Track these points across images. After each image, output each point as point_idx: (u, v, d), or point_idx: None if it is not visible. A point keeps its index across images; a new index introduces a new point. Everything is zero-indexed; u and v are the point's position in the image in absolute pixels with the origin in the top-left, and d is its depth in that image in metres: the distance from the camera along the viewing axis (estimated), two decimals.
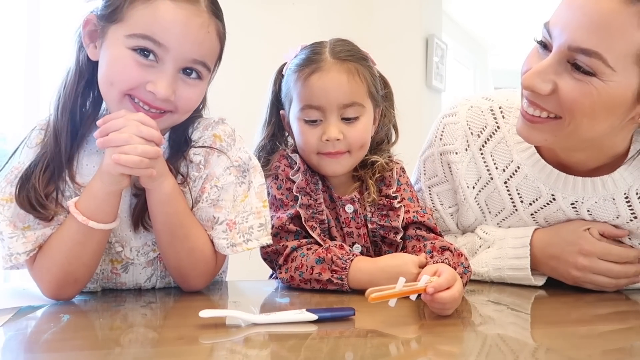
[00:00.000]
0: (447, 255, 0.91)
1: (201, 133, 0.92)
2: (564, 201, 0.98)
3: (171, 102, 0.82)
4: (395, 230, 1.00)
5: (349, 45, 1.02)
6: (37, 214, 0.81)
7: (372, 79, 1.02)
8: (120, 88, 0.81)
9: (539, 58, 0.85)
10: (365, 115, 1.01)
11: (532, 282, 0.98)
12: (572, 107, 0.81)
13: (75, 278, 0.83)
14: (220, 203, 0.88)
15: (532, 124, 0.88)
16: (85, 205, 0.79)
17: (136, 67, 0.80)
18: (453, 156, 1.07)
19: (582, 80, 0.79)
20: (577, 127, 0.83)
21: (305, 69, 0.99)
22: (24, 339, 0.68)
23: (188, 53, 0.81)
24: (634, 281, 0.96)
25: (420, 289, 0.73)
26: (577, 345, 0.66)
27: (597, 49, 0.76)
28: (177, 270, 0.89)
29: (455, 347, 0.67)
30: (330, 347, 0.64)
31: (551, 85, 0.82)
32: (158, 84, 0.80)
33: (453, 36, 4.41)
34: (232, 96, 2.34)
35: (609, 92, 0.79)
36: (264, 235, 0.89)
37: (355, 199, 1.03)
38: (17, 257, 0.81)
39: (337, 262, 0.90)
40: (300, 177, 1.00)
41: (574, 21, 0.79)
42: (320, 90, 0.97)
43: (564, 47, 0.80)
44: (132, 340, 0.66)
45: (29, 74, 1.90)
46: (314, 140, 0.99)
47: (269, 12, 2.51)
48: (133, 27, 0.79)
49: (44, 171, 0.83)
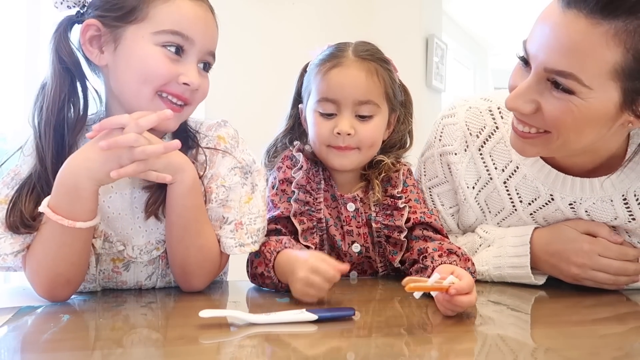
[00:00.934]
0: (454, 258, 0.91)
1: (205, 133, 0.94)
2: (562, 201, 0.98)
3: (195, 92, 0.87)
4: (399, 229, 1.00)
5: (372, 48, 1.06)
6: (25, 232, 0.81)
7: (390, 82, 1.04)
8: (156, 84, 0.83)
9: (522, 74, 0.86)
10: (379, 116, 1.02)
11: (532, 280, 0.98)
12: (556, 124, 0.83)
13: (67, 279, 0.82)
14: (229, 203, 0.90)
15: (523, 139, 0.90)
16: (67, 208, 0.77)
17: (168, 62, 0.83)
18: (452, 157, 1.07)
19: (562, 99, 0.81)
20: (566, 140, 0.84)
21: (326, 63, 1.02)
22: (24, 339, 0.68)
23: (208, 45, 0.87)
24: (634, 280, 0.96)
25: (444, 288, 0.73)
26: (577, 346, 0.66)
27: (571, 71, 0.78)
28: (182, 268, 0.89)
29: (455, 347, 0.67)
30: (330, 347, 0.64)
31: (534, 105, 0.84)
32: (190, 75, 0.84)
33: (453, 36, 4.41)
34: (233, 95, 2.35)
35: (589, 108, 0.80)
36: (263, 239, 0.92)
37: (357, 198, 1.04)
38: (5, 257, 0.81)
39: (267, 255, 0.90)
40: (301, 174, 1.02)
41: (547, 44, 0.80)
42: (338, 85, 1.00)
43: (541, 68, 0.81)
44: (132, 341, 0.66)
45: (29, 74, 1.90)
46: (326, 132, 1.01)
47: (268, 12, 2.51)
48: (160, 24, 0.83)
49: (31, 194, 0.82)
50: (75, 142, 0.86)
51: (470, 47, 5.10)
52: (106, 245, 0.88)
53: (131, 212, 0.89)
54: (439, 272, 0.77)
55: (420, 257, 0.95)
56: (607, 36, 0.75)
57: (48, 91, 0.84)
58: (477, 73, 5.44)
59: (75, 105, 0.86)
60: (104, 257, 0.90)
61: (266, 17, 2.50)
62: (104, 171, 0.76)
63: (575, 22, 0.77)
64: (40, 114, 0.84)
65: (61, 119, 0.84)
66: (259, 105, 2.45)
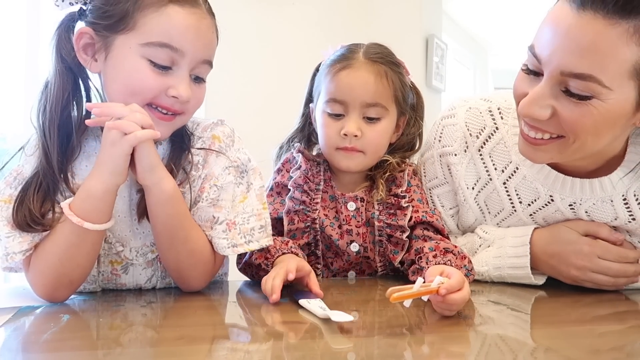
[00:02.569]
0: (450, 257, 0.91)
1: (200, 134, 0.93)
2: (562, 202, 0.98)
3: (187, 103, 0.84)
4: (402, 228, 1.01)
5: (384, 50, 1.06)
6: (35, 230, 0.80)
7: (400, 85, 1.04)
8: (144, 97, 0.81)
9: (529, 81, 0.85)
10: (387, 119, 1.03)
11: (532, 281, 0.98)
12: (574, 128, 0.81)
13: (70, 280, 0.82)
14: (220, 203, 0.88)
15: (536, 146, 0.88)
16: (80, 206, 0.78)
17: (156, 75, 0.81)
18: (452, 158, 1.07)
19: (580, 102, 0.79)
20: (583, 144, 0.83)
21: (337, 64, 1.02)
22: (24, 339, 0.68)
23: (200, 54, 0.84)
24: (633, 281, 0.96)
25: (433, 290, 0.73)
26: (576, 346, 0.66)
27: (591, 72, 0.76)
28: (177, 271, 0.89)
29: (455, 347, 0.67)
30: (331, 347, 0.64)
31: (550, 110, 0.82)
32: (179, 88, 0.82)
33: (453, 36, 4.41)
34: (233, 95, 2.35)
35: (608, 110, 0.79)
36: (264, 237, 0.91)
37: (358, 197, 1.04)
38: (13, 256, 0.80)
39: (271, 250, 0.92)
40: (299, 174, 1.02)
41: (562, 47, 0.78)
42: (347, 86, 1.00)
43: (556, 72, 0.79)
44: (132, 340, 0.66)
45: (29, 74, 1.90)
46: (333, 133, 1.02)
47: (269, 12, 2.51)
48: (149, 35, 0.80)
49: (38, 191, 0.81)
50: (79, 141, 0.85)
51: (470, 47, 5.09)
52: (105, 246, 0.88)
53: (129, 214, 0.89)
54: (428, 276, 0.77)
55: (417, 258, 0.95)
56: (627, 35, 0.74)
57: (50, 90, 0.83)
58: (477, 73, 5.44)
59: (79, 104, 0.86)
60: (102, 258, 0.90)
61: (266, 17, 2.50)
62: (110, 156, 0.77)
63: (592, 23, 0.75)
64: (45, 113, 0.83)
65: (65, 118, 0.84)
66: (259, 105, 2.45)
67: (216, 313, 0.86)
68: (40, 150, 0.83)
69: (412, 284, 0.72)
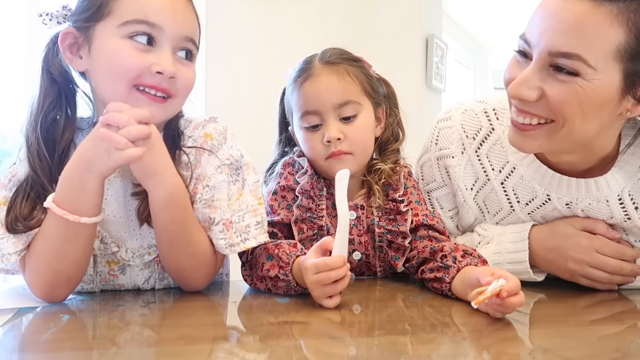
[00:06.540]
0: (471, 260, 0.89)
1: (191, 132, 0.92)
2: (558, 201, 0.98)
3: (174, 82, 0.84)
4: (403, 235, 1.00)
5: (338, 50, 1.05)
6: (24, 230, 0.81)
7: (366, 79, 1.04)
8: (128, 77, 0.81)
9: (520, 66, 0.87)
10: (363, 113, 1.02)
11: (531, 276, 0.98)
12: (561, 109, 0.83)
13: (68, 277, 0.82)
14: (215, 203, 0.88)
15: (524, 132, 0.89)
16: (72, 202, 0.77)
17: (137, 52, 0.81)
18: (450, 160, 1.07)
19: (567, 81, 0.81)
20: (571, 128, 0.84)
21: (298, 79, 1.02)
22: (24, 339, 0.68)
23: (180, 30, 0.84)
24: (628, 280, 0.97)
25: (496, 292, 0.73)
26: (575, 347, 0.67)
27: (577, 51, 0.78)
28: (178, 273, 0.89)
29: (454, 347, 0.67)
30: (331, 347, 0.64)
31: (538, 91, 0.84)
32: (162, 62, 0.82)
33: (453, 36, 4.41)
34: (233, 95, 2.35)
35: (594, 90, 0.80)
36: (261, 234, 0.89)
37: (358, 206, 1.03)
38: (8, 257, 0.80)
39: (282, 257, 0.88)
40: (306, 179, 1.01)
41: (550, 28, 0.81)
42: (313, 95, 1.00)
43: (544, 53, 0.81)
44: (132, 340, 0.66)
45: (29, 74, 1.90)
46: (317, 144, 1.01)
47: (269, 12, 2.51)
48: (124, 15, 0.81)
49: (26, 200, 0.82)
50: (66, 147, 0.86)
51: (470, 47, 5.10)
52: (101, 247, 0.89)
53: (125, 216, 0.89)
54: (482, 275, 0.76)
55: (436, 257, 0.93)
56: (611, 16, 0.76)
57: (33, 101, 0.86)
58: (477, 73, 5.44)
59: (62, 113, 0.87)
60: (99, 258, 0.90)
61: (266, 17, 2.50)
62: (100, 160, 0.76)
63: (579, 3, 0.78)
64: (29, 124, 0.85)
65: (47, 127, 0.85)
66: (259, 105, 2.44)
67: (216, 313, 0.86)
68: (29, 163, 0.84)
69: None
